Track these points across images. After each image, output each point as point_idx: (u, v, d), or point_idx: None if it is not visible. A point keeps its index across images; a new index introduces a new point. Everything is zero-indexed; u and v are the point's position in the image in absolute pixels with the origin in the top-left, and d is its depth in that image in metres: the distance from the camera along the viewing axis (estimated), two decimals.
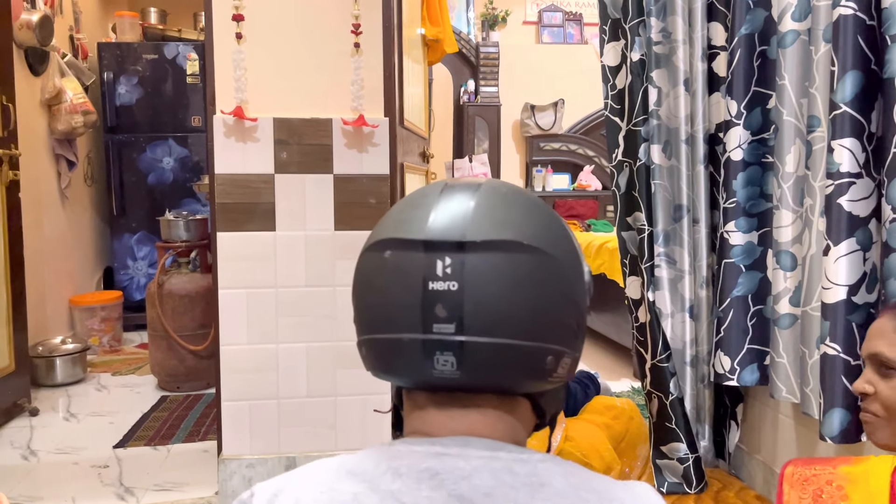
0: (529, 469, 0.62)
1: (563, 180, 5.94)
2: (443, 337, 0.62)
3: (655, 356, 2.18)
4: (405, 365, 0.65)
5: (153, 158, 4.65)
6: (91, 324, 4.20)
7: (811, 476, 1.00)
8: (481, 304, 0.62)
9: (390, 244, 0.65)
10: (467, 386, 0.65)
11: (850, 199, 1.60)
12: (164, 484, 2.38)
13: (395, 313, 0.64)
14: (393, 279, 0.64)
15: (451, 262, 0.62)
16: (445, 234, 0.63)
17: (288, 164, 2.11)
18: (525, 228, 0.65)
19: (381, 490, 0.61)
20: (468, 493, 0.60)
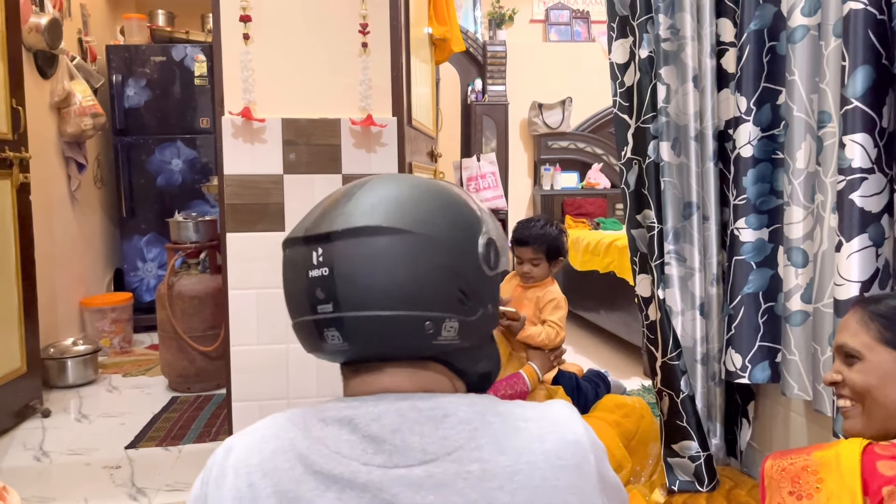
0: (432, 403, 0.72)
1: (571, 178, 5.93)
2: (325, 315, 0.72)
3: (666, 354, 2.17)
4: (310, 343, 0.76)
5: (162, 160, 4.67)
6: (102, 325, 4.23)
7: (788, 465, 1.02)
8: (350, 284, 0.71)
9: (288, 243, 0.78)
10: (360, 355, 0.75)
11: (862, 195, 1.59)
12: (176, 484, 2.38)
13: (294, 300, 0.76)
14: (289, 272, 0.77)
15: (322, 252, 0.72)
16: (317, 228, 0.74)
17: (296, 165, 2.11)
18: (388, 213, 0.73)
19: (311, 436, 0.71)
20: (378, 431, 0.70)
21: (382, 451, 0.69)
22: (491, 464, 0.68)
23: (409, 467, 0.68)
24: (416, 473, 0.68)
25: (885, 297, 1.12)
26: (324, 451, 0.70)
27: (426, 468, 0.68)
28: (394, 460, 0.69)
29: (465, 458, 0.69)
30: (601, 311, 4.36)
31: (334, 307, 0.72)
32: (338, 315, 0.72)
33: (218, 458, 0.75)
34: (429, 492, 0.67)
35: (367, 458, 0.69)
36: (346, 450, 0.70)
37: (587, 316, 4.62)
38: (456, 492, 0.67)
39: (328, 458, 0.69)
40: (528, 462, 0.69)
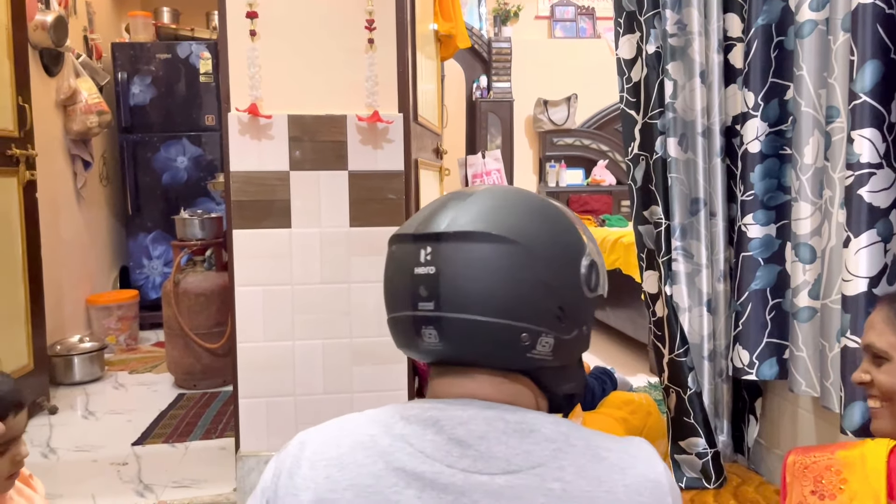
0: (519, 417, 0.72)
1: (576, 175, 5.92)
2: (425, 313, 0.73)
3: (673, 351, 2.17)
4: (405, 339, 0.77)
5: (167, 158, 4.68)
6: (108, 323, 4.24)
7: (811, 463, 1.01)
8: (453, 285, 0.72)
9: (395, 240, 0.79)
10: (452, 357, 0.75)
11: (870, 190, 1.59)
12: (183, 481, 2.39)
13: (395, 295, 0.77)
14: (394, 267, 0.78)
15: (430, 251, 0.74)
16: (427, 228, 0.75)
17: (303, 161, 2.11)
18: (498, 222, 0.74)
19: (393, 433, 0.72)
20: (464, 436, 0.70)
21: (467, 456, 0.69)
22: (572, 486, 0.68)
23: (491, 475, 0.68)
24: (497, 482, 0.68)
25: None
26: (407, 448, 0.70)
27: (508, 478, 0.68)
28: (477, 466, 0.69)
29: (547, 475, 0.68)
30: (607, 307, 4.35)
31: (435, 306, 0.73)
32: (438, 314, 0.73)
33: (292, 451, 0.75)
34: (508, 502, 0.67)
35: (451, 461, 0.69)
36: (430, 450, 0.70)
37: None
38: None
39: (412, 455, 0.70)
40: (607, 492, 0.69)
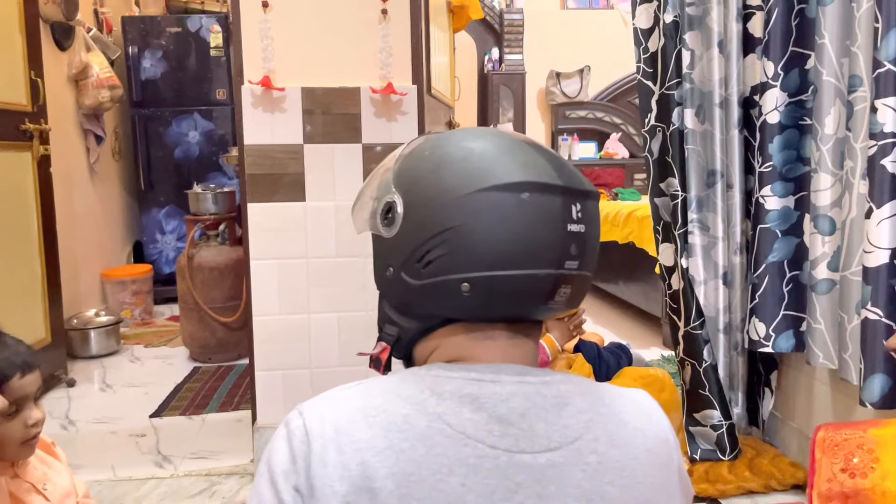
0: (554, 391, 0.70)
1: (589, 149, 5.88)
2: (570, 272, 0.70)
3: (689, 323, 2.16)
4: (527, 298, 0.70)
5: (179, 132, 4.67)
6: (123, 297, 4.27)
7: (842, 441, 0.99)
8: (593, 244, 0.73)
9: (528, 186, 0.69)
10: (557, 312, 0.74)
11: (893, 160, 1.56)
12: (201, 452, 2.42)
13: (534, 251, 0.68)
14: (535, 220, 0.69)
15: (581, 208, 0.71)
16: (573, 183, 0.71)
17: (316, 135, 2.10)
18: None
19: (428, 413, 0.66)
20: (506, 414, 0.67)
21: (509, 435, 0.67)
22: (606, 457, 0.69)
23: (534, 454, 0.67)
24: (539, 462, 0.67)
25: None
26: (447, 430, 0.66)
27: (549, 456, 0.67)
28: (520, 445, 0.67)
29: (584, 448, 0.68)
30: (620, 281, 4.34)
31: (580, 265, 0.71)
32: (579, 273, 0.72)
33: (314, 428, 0.66)
34: (550, 481, 0.66)
35: (493, 441, 0.66)
36: (470, 430, 0.66)
37: (606, 287, 4.61)
38: (574, 483, 0.67)
39: (452, 438, 0.65)
40: (633, 458, 0.70)
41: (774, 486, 2.11)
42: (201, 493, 2.14)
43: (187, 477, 2.24)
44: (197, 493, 2.14)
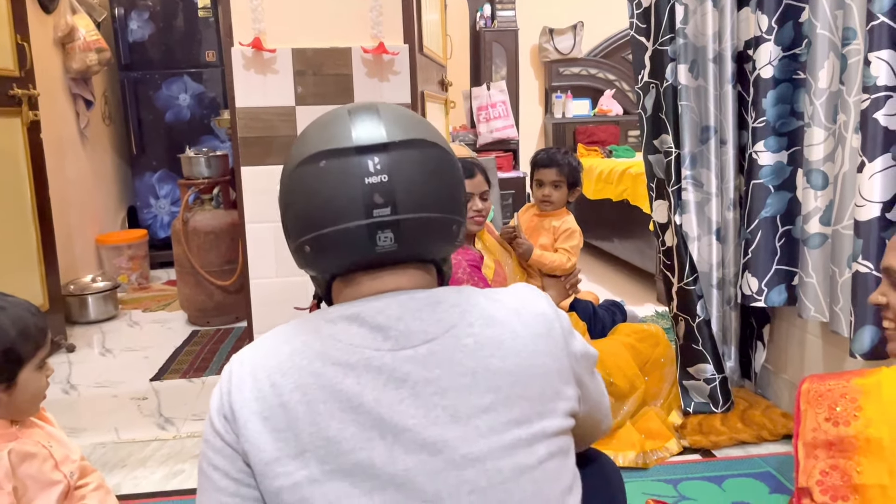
0: (426, 294, 0.83)
1: (583, 106, 5.83)
2: (382, 218, 0.79)
3: (682, 279, 2.18)
4: (351, 248, 0.81)
5: (169, 95, 4.62)
6: (119, 262, 4.27)
7: (826, 391, 1.01)
8: (408, 189, 0.80)
9: (323, 155, 0.80)
10: (402, 256, 0.83)
11: (886, 114, 1.57)
12: (202, 414, 2.45)
13: (339, 208, 0.79)
14: (333, 182, 0.80)
15: (379, 160, 0.79)
16: (370, 139, 0.80)
17: (308, 96, 2.09)
18: (424, 130, 0.84)
19: (321, 335, 0.80)
20: (384, 321, 0.79)
21: (390, 338, 0.78)
22: (482, 336, 0.80)
23: (414, 347, 0.78)
24: (421, 352, 0.78)
25: None
26: (337, 344, 0.78)
27: (429, 346, 0.79)
28: (401, 343, 0.78)
29: (460, 333, 0.80)
30: (614, 239, 4.36)
31: (392, 210, 0.79)
32: (395, 217, 0.79)
33: (234, 368, 0.81)
34: (435, 366, 0.78)
35: (377, 345, 0.78)
36: (357, 340, 0.78)
37: (600, 244, 4.63)
38: (456, 362, 0.78)
39: (343, 349, 0.78)
40: (511, 332, 0.81)
41: (766, 437, 2.16)
42: None
43: (190, 438, 2.27)
44: (200, 453, 2.18)
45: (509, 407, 0.78)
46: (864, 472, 0.94)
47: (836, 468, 0.97)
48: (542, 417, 0.79)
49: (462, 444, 0.76)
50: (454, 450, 0.75)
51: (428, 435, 0.75)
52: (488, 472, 0.76)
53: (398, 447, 0.75)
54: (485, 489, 0.75)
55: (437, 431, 0.75)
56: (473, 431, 0.76)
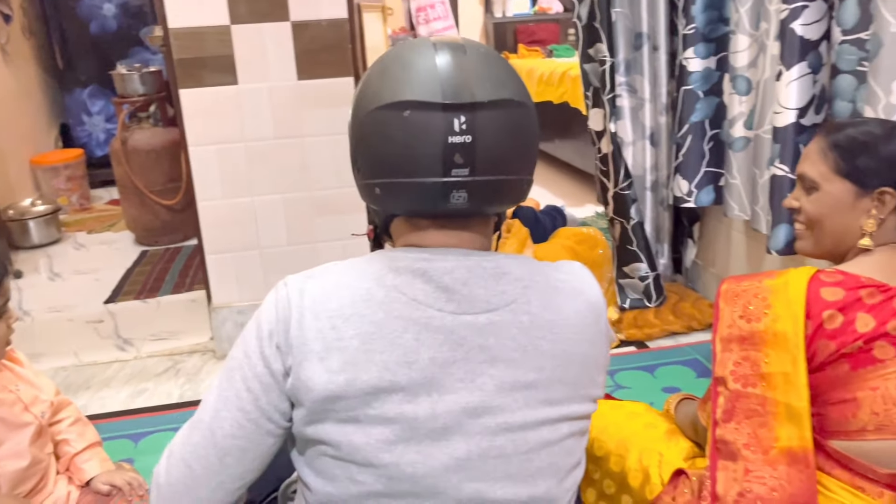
0: (493, 263, 0.84)
1: (523, 4, 5.76)
2: (460, 178, 0.79)
3: (618, 184, 2.29)
4: (423, 200, 0.81)
5: (92, 5, 4.41)
6: (57, 183, 4.18)
7: (741, 291, 1.11)
8: (489, 151, 0.79)
9: (409, 105, 0.78)
10: (471, 212, 0.84)
11: (802, 24, 1.64)
12: (161, 333, 2.51)
13: (419, 161, 0.79)
14: (416, 135, 0.78)
15: (465, 120, 0.78)
16: (458, 97, 0.78)
17: (243, 14, 2.05)
18: (512, 87, 0.82)
19: (386, 285, 0.81)
20: (451, 283, 0.81)
21: (453, 300, 0.81)
22: (538, 317, 0.83)
23: (475, 315, 0.81)
24: (480, 321, 0.81)
25: (847, 126, 1.12)
26: (402, 297, 0.80)
27: (488, 316, 0.82)
28: (463, 308, 0.81)
29: (518, 310, 0.83)
30: (556, 140, 4.43)
31: (471, 171, 0.79)
32: (472, 179, 0.79)
33: (294, 300, 0.81)
34: (489, 335, 0.81)
35: (440, 305, 0.80)
36: (421, 297, 0.80)
37: (542, 146, 4.70)
38: (510, 336, 0.82)
39: (406, 304, 0.80)
40: (563, 319, 0.85)
41: (695, 326, 2.34)
42: (166, 371, 2.26)
43: (150, 358, 2.35)
44: (162, 371, 2.26)
45: (547, 388, 0.83)
46: (770, 362, 1.06)
47: (747, 359, 1.09)
48: (572, 402, 0.85)
49: (500, 412, 0.81)
50: (492, 417, 0.80)
51: (471, 399, 0.80)
52: (516, 441, 0.82)
53: (441, 405, 0.79)
54: (510, 456, 0.81)
55: (480, 397, 0.80)
56: (512, 403, 0.81)
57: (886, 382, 0.98)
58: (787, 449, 1.01)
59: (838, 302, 1.01)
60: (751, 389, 1.07)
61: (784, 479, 1.01)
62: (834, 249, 1.14)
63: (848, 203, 1.09)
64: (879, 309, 0.99)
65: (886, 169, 1.05)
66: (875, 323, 0.98)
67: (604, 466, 1.35)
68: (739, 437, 1.05)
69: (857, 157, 1.07)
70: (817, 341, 1.01)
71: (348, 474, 0.80)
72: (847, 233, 1.10)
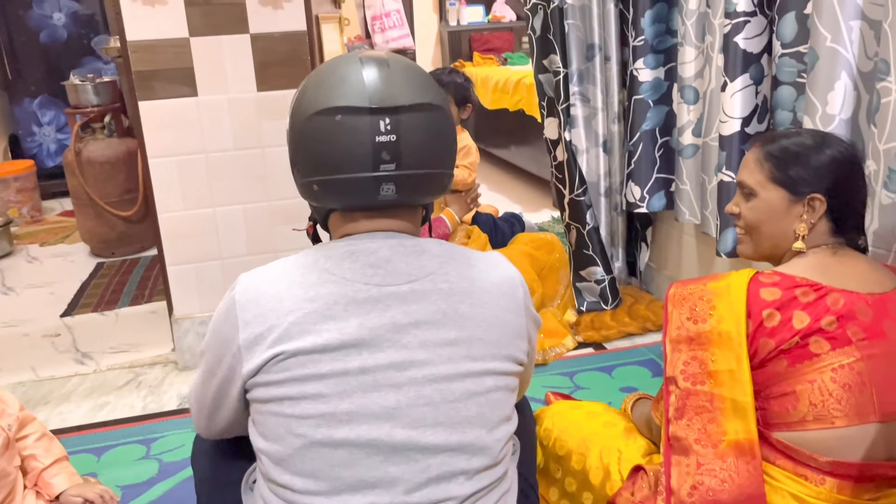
0: (414, 242, 0.97)
1: (477, 12, 5.84)
2: (388, 173, 0.92)
3: (573, 191, 2.35)
4: (357, 194, 0.93)
5: (42, 14, 4.34)
6: (7, 195, 4.10)
7: (688, 294, 1.18)
8: (413, 148, 0.92)
9: (340, 110, 0.91)
10: (399, 203, 0.95)
11: (745, 38, 1.72)
12: (120, 346, 2.49)
13: (350, 160, 0.91)
14: (347, 136, 0.91)
15: (390, 121, 0.90)
16: (382, 102, 0.90)
17: (202, 27, 2.06)
18: (431, 93, 0.95)
19: (319, 268, 0.93)
20: (375, 260, 0.93)
21: (378, 275, 0.92)
22: (456, 285, 0.95)
23: (398, 285, 0.92)
24: (403, 289, 0.92)
25: (781, 137, 1.19)
26: (332, 278, 0.92)
27: (410, 286, 0.93)
28: (387, 280, 0.92)
29: (437, 279, 0.94)
30: (511, 147, 4.50)
31: (397, 167, 0.91)
32: (398, 173, 0.92)
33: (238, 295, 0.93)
34: (413, 301, 0.92)
35: (367, 279, 0.92)
36: (349, 275, 0.92)
37: (499, 153, 4.77)
38: (431, 302, 0.92)
39: (336, 282, 0.91)
40: (479, 287, 0.96)
41: (650, 328, 2.41)
42: (127, 384, 2.24)
43: (111, 371, 2.33)
44: (123, 384, 2.24)
45: (469, 344, 0.93)
46: (716, 361, 1.13)
47: (695, 359, 1.15)
48: (494, 359, 0.95)
49: (425, 366, 0.90)
50: (418, 369, 0.90)
51: (398, 355, 0.90)
52: (442, 391, 0.91)
53: (371, 360, 0.89)
54: (437, 404, 0.90)
55: (406, 353, 0.90)
56: (436, 358, 0.91)
57: (822, 375, 1.04)
58: (735, 442, 1.08)
59: (776, 301, 1.07)
60: (699, 387, 1.13)
61: (733, 471, 1.07)
62: (772, 252, 1.21)
63: (782, 209, 1.16)
64: (813, 306, 1.06)
65: (815, 177, 1.13)
66: (810, 319, 1.05)
67: (565, 465, 1.40)
68: (690, 433, 1.11)
69: (790, 166, 1.15)
70: (759, 339, 1.08)
71: (289, 429, 0.89)
72: (783, 237, 1.17)
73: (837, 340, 1.04)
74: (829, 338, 1.04)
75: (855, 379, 1.04)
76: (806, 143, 1.15)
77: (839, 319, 1.05)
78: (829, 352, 1.04)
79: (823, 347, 1.05)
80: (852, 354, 1.04)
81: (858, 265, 1.13)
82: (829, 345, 1.04)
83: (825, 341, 1.05)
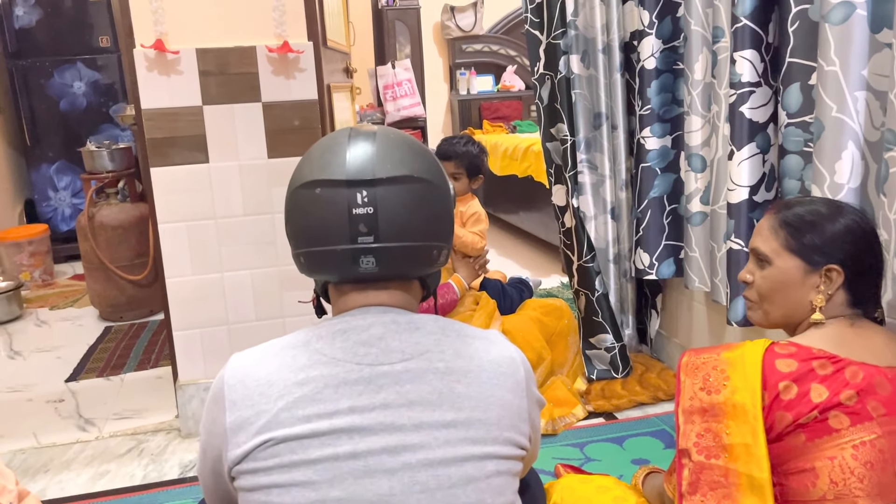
0: (408, 318, 0.94)
1: (486, 82, 5.96)
2: (365, 245, 0.90)
3: (581, 257, 2.34)
4: (337, 267, 0.92)
5: (63, 83, 4.46)
6: (20, 259, 4.13)
7: (701, 364, 1.15)
8: (390, 221, 0.90)
9: (319, 184, 0.91)
10: (382, 276, 0.94)
11: (750, 107, 1.74)
12: (124, 412, 2.46)
13: (328, 232, 0.91)
14: (325, 208, 0.91)
15: (366, 194, 0.89)
16: (359, 175, 0.90)
17: (215, 96, 2.10)
18: (413, 164, 0.93)
19: (310, 349, 0.91)
20: (367, 338, 0.91)
21: (370, 353, 0.90)
22: (452, 364, 0.91)
23: (391, 364, 0.89)
24: (397, 369, 0.89)
25: (795, 205, 1.18)
26: (323, 359, 0.89)
27: (405, 364, 0.89)
28: (380, 359, 0.89)
29: (433, 358, 0.91)
30: (521, 212, 4.53)
31: (375, 239, 0.90)
32: (377, 245, 0.90)
33: (228, 377, 0.92)
34: (407, 381, 0.88)
35: (358, 359, 0.89)
36: (339, 355, 0.89)
37: (508, 218, 4.79)
38: (426, 381, 0.89)
39: (326, 363, 0.89)
40: (477, 366, 0.92)
41: (661, 397, 2.36)
42: (129, 451, 2.21)
43: (113, 438, 2.29)
44: (125, 452, 2.20)
45: (467, 426, 0.88)
46: (731, 434, 1.09)
47: (709, 431, 1.12)
48: (496, 442, 0.90)
49: (420, 450, 0.86)
50: (412, 454, 0.86)
51: (391, 438, 0.86)
52: (439, 476, 0.86)
53: (362, 445, 0.85)
54: (433, 490, 0.85)
55: (400, 437, 0.86)
56: (432, 441, 0.86)
57: (843, 452, 1.01)
58: None
59: (793, 373, 1.05)
60: (714, 461, 1.10)
61: None
62: (786, 321, 1.19)
63: (798, 279, 1.14)
64: (832, 379, 1.03)
65: (831, 247, 1.11)
66: (829, 393, 1.02)
67: None
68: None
69: (805, 234, 1.13)
70: (775, 412, 1.04)
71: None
72: (797, 306, 1.15)
73: (858, 415, 1.01)
74: (848, 413, 1.01)
75: (877, 456, 1.00)
76: (821, 212, 1.14)
77: (859, 394, 1.02)
78: (849, 427, 1.01)
79: (843, 423, 1.01)
80: (873, 431, 1.01)
81: (876, 337, 1.11)
82: (850, 420, 1.01)
83: (845, 416, 1.01)
